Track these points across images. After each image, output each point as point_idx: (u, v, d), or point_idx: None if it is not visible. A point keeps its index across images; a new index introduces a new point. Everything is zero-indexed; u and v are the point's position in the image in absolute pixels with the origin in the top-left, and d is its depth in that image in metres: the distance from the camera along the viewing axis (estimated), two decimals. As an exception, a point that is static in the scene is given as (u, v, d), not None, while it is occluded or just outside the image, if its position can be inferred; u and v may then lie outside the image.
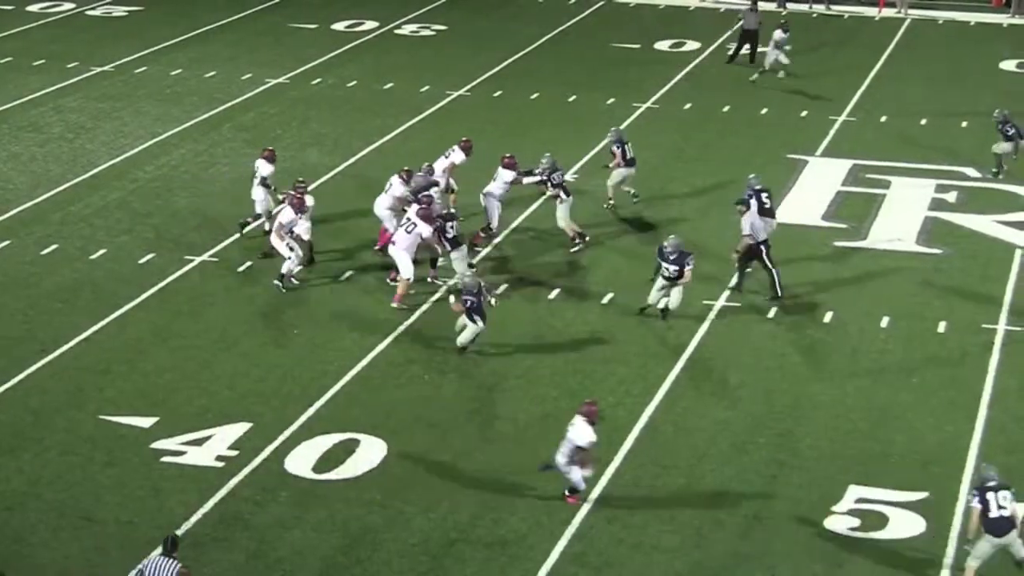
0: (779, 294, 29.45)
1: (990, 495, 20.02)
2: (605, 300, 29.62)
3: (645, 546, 21.58)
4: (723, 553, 21.47)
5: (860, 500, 22.67)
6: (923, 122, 40.99)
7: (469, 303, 26.82)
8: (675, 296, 28.29)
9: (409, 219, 29.32)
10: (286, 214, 29.50)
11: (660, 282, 28.36)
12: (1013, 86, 44.53)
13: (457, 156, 33.08)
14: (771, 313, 29.02)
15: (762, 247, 29.52)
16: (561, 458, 22.05)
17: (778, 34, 44.51)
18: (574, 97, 43.02)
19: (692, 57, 47.61)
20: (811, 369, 26.97)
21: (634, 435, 24.54)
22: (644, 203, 34.28)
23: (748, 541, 21.76)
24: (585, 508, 22.41)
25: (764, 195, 31.09)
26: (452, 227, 29.43)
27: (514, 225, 32.83)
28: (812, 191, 35.52)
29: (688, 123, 40.74)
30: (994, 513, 19.96)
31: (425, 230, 29.08)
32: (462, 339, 27.13)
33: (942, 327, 28.60)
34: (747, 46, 46.28)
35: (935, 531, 21.91)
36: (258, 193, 31.74)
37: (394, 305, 29.03)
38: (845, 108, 42.10)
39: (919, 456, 24.02)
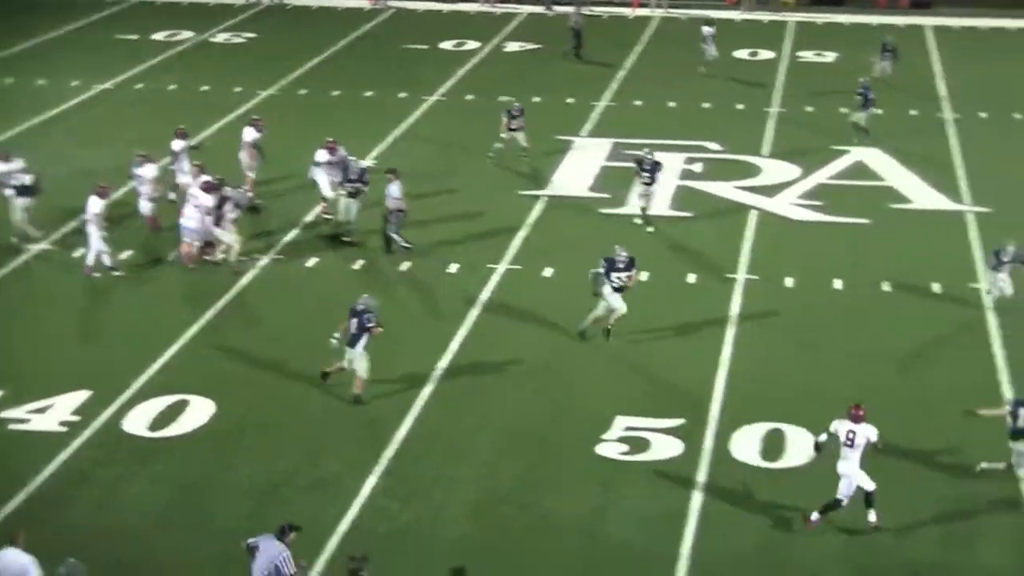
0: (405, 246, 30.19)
1: (1022, 409, 21.15)
2: (403, 268, 29.73)
3: (444, 478, 21.82)
4: (512, 480, 21.80)
5: (628, 428, 23.14)
6: (671, 104, 41.65)
7: (362, 324, 23.77)
8: (621, 304, 25.91)
9: (191, 194, 29.34)
10: (97, 204, 28.98)
11: (609, 294, 25.86)
12: (745, 72, 45.34)
13: (248, 134, 33.20)
14: (547, 272, 29.37)
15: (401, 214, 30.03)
16: (851, 481, 20.43)
17: (706, 29, 44.87)
18: (370, 93, 42.89)
19: (473, 55, 47.72)
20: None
21: (431, 386, 24.69)
22: (435, 181, 34.42)
23: (534, 470, 22.10)
24: (391, 449, 22.56)
25: (646, 166, 31.39)
26: (232, 208, 29.43)
27: (317, 210, 32.66)
28: (579, 166, 35.94)
29: (471, 112, 40.88)
30: (1020, 423, 21.19)
31: (207, 199, 29.06)
32: (361, 371, 23.94)
33: (692, 279, 29.17)
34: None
35: (690, 451, 22.48)
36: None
37: (176, 257, 29.60)
38: (605, 94, 42.60)
39: (676, 389, 24.54)
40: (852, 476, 20.31)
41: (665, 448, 22.56)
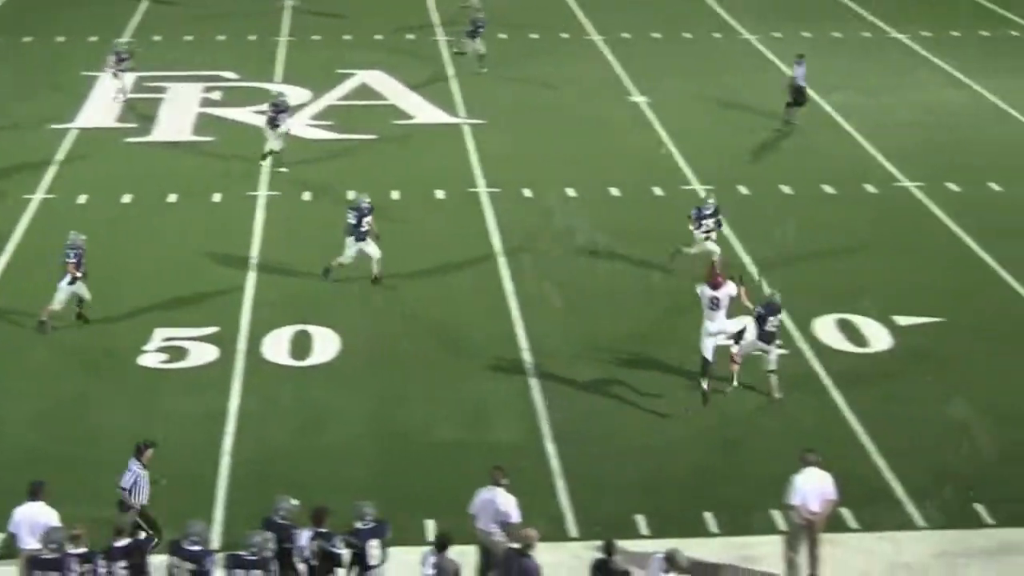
0: None
1: (771, 317, 21.24)
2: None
3: (4, 393, 21.56)
4: (68, 395, 21.64)
5: (166, 339, 23.25)
6: (188, 38, 41.33)
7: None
8: (375, 250, 24.97)
9: None
10: None
11: (363, 243, 24.84)
12: (256, 6, 45.16)
13: None
14: (82, 199, 28.89)
15: None
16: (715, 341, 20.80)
17: None
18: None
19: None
20: (148, 237, 27.08)
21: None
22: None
23: (85, 384, 22.00)
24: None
25: (282, 108, 30.59)
26: None
27: None
28: (105, 100, 35.31)
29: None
30: (767, 327, 21.18)
31: None
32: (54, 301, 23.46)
33: (217, 198, 29.30)
34: None
35: (225, 356, 22.80)
36: None
37: None
38: (127, 31, 41.74)
39: (210, 299, 24.74)
40: (719, 334, 20.73)
41: (202, 355, 22.81)
